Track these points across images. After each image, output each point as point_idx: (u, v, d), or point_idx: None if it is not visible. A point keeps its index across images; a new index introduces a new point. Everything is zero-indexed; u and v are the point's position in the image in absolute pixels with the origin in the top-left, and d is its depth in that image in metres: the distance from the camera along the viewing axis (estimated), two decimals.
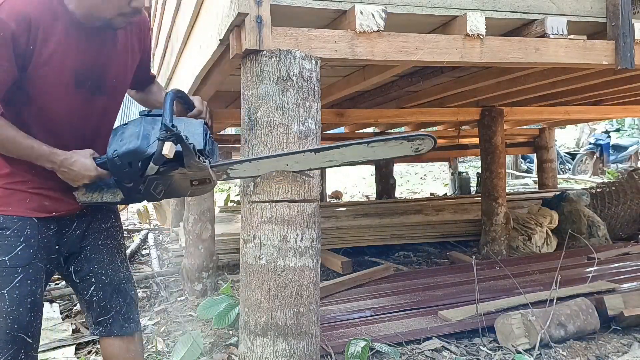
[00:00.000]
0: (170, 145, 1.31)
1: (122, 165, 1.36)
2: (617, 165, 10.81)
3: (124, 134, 1.40)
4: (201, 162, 1.39)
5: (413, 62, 1.94)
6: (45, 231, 1.43)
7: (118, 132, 1.42)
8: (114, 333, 1.59)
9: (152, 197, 1.46)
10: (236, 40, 1.63)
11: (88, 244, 1.54)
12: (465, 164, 13.12)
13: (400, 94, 4.12)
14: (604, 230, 4.46)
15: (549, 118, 5.88)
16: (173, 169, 1.39)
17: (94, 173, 1.39)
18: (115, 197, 1.47)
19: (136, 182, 1.41)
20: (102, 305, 1.57)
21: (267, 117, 1.56)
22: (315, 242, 1.62)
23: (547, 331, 2.30)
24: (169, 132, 1.30)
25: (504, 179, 4.36)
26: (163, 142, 1.30)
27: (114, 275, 1.58)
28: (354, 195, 9.86)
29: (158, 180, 1.42)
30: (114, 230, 1.62)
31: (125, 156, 1.35)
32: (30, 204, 1.40)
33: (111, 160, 1.36)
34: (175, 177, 1.43)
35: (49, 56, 1.30)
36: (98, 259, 1.56)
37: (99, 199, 1.47)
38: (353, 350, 2.11)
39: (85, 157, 1.40)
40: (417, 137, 1.41)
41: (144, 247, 5.13)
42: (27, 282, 1.38)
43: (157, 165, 1.35)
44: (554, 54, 2.02)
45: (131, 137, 1.37)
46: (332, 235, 4.27)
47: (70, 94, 1.38)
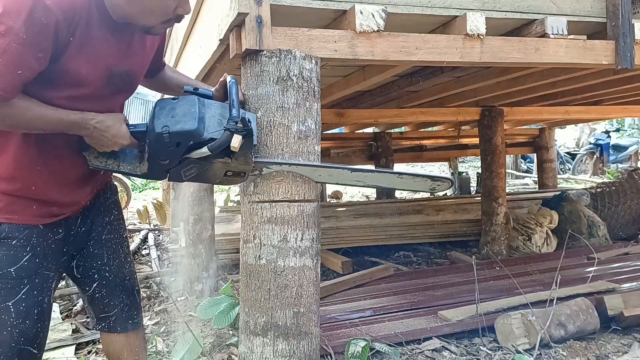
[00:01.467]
0: (240, 138, 1.28)
1: (169, 143, 1.30)
2: (617, 165, 10.81)
3: (174, 110, 1.32)
4: (251, 157, 1.38)
5: (413, 62, 1.94)
6: (52, 237, 1.38)
7: (166, 106, 1.34)
8: (117, 330, 1.57)
9: (177, 178, 1.41)
10: (236, 40, 1.63)
11: (92, 239, 1.51)
12: (465, 164, 13.13)
13: (400, 94, 4.12)
14: (604, 230, 4.46)
15: (549, 118, 5.89)
16: (219, 157, 1.35)
17: (127, 141, 1.34)
18: (134, 168, 1.40)
19: (172, 161, 1.35)
20: (105, 302, 1.54)
21: (267, 117, 1.56)
22: (315, 242, 1.62)
23: (547, 331, 2.30)
24: (241, 125, 1.28)
25: (504, 179, 4.36)
26: (232, 134, 1.27)
27: (117, 272, 1.55)
28: (354, 195, 9.85)
29: (196, 164, 1.37)
30: (117, 224, 1.58)
31: (178, 135, 1.29)
32: (36, 210, 1.34)
33: (158, 135, 1.30)
34: (215, 165, 1.39)
35: (85, 49, 1.26)
36: (101, 254, 1.52)
37: (114, 167, 1.40)
38: (353, 350, 2.11)
39: (120, 122, 1.33)
40: (440, 178, 1.58)
41: (144, 247, 5.12)
42: (34, 293, 1.33)
43: (213, 153, 1.30)
44: (554, 54, 2.03)
45: (186, 116, 1.30)
46: (332, 235, 4.27)
47: (99, 90, 1.35)
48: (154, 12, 1.28)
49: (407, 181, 1.61)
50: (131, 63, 1.40)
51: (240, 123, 1.28)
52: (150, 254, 4.70)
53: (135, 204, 8.39)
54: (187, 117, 1.30)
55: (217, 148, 1.29)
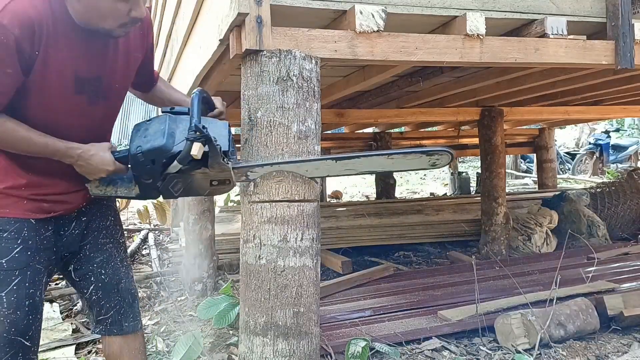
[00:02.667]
0: (199, 146, 1.31)
1: (145, 162, 1.36)
2: (617, 165, 10.81)
3: (147, 130, 1.39)
4: (225, 163, 1.40)
5: (413, 62, 1.94)
6: (43, 232, 1.41)
7: (141, 128, 1.41)
8: (114, 332, 1.58)
9: (169, 195, 1.46)
10: (236, 40, 1.63)
11: (87, 243, 1.53)
12: (465, 164, 13.13)
13: (400, 94, 4.12)
14: (604, 230, 4.46)
15: (549, 118, 5.89)
16: (196, 168, 1.39)
17: (112, 167, 1.39)
18: (130, 192, 1.47)
19: (155, 179, 1.41)
20: (101, 304, 1.56)
21: (267, 117, 1.56)
22: (315, 242, 1.62)
23: (546, 331, 2.30)
24: (198, 133, 1.31)
25: (503, 179, 4.36)
26: (192, 143, 1.31)
27: (113, 275, 1.57)
28: (354, 195, 9.85)
29: (178, 179, 1.42)
30: (113, 229, 1.60)
31: (150, 153, 1.35)
32: (27, 205, 1.38)
33: (134, 156, 1.36)
34: (196, 177, 1.43)
35: (51, 60, 1.28)
36: (97, 258, 1.54)
37: (112, 193, 1.47)
38: (353, 350, 2.11)
39: (104, 150, 1.39)
40: (435, 151, 1.47)
41: (144, 247, 5.13)
42: (25, 285, 1.36)
43: (182, 164, 1.35)
44: (554, 54, 2.03)
45: (156, 134, 1.37)
46: (332, 235, 4.27)
47: (70, 99, 1.36)
48: (107, 17, 1.29)
49: (400, 161, 1.53)
50: (102, 69, 1.41)
51: (197, 131, 1.31)
52: (150, 254, 4.70)
53: (135, 204, 8.38)
54: (157, 135, 1.36)
55: (183, 159, 1.33)
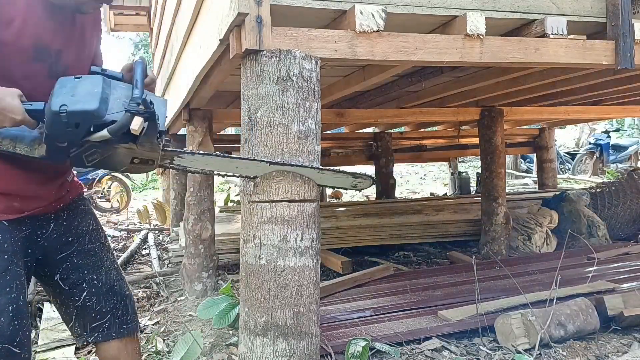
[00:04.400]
0: (141, 121, 1.18)
1: (67, 124, 1.19)
2: (617, 165, 10.81)
3: (76, 88, 1.22)
4: (157, 144, 1.29)
5: (413, 62, 1.94)
6: (18, 234, 1.36)
7: (67, 84, 1.23)
8: (112, 336, 1.55)
9: (79, 163, 1.32)
10: (236, 40, 1.63)
11: (74, 250, 1.49)
12: (465, 164, 13.13)
13: (400, 94, 4.12)
14: (604, 230, 4.46)
15: (549, 118, 5.89)
16: (123, 142, 1.25)
17: (19, 117, 1.21)
18: (31, 151, 1.30)
19: (72, 144, 1.25)
20: (97, 309, 1.52)
21: (267, 117, 1.56)
22: (315, 242, 1.62)
23: (547, 331, 2.30)
24: (143, 107, 1.19)
25: (503, 179, 4.36)
26: (133, 116, 1.18)
27: (106, 278, 1.54)
28: (354, 195, 9.85)
29: (98, 149, 1.27)
30: (96, 233, 1.57)
31: (76, 115, 1.18)
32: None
33: (55, 114, 1.18)
34: (118, 151, 1.29)
35: (10, 21, 1.25)
36: (86, 263, 1.51)
37: (9, 148, 1.29)
38: (353, 350, 2.11)
39: (12, 96, 1.21)
40: (360, 175, 1.67)
41: (144, 247, 5.13)
42: (6, 290, 1.30)
43: (114, 136, 1.21)
44: (554, 54, 2.03)
45: (87, 95, 1.20)
46: (332, 235, 4.27)
47: (29, 67, 1.32)
48: None
49: (328, 177, 1.63)
50: (63, 44, 1.38)
51: (142, 105, 1.19)
52: (150, 254, 4.70)
53: (135, 204, 8.40)
54: (89, 97, 1.20)
55: (117, 131, 1.20)
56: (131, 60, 1.45)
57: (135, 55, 19.77)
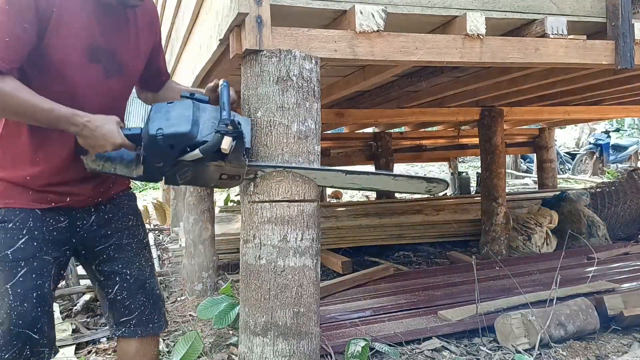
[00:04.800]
0: (230, 140, 1.29)
1: (163, 146, 1.31)
2: (617, 165, 10.81)
3: (169, 113, 1.34)
4: (244, 160, 1.39)
5: (413, 62, 1.94)
6: (53, 224, 1.39)
7: (162, 109, 1.36)
8: (138, 333, 1.55)
9: (173, 181, 1.43)
10: (236, 40, 1.63)
11: (112, 244, 1.52)
12: (465, 164, 13.12)
13: (400, 94, 4.12)
14: (604, 230, 4.46)
15: (549, 118, 5.89)
16: (213, 160, 1.36)
17: (118, 141, 1.31)
18: (130, 172, 1.41)
19: (166, 164, 1.36)
20: (126, 304, 1.54)
21: (267, 117, 1.56)
22: (315, 242, 1.62)
23: (547, 331, 2.30)
24: (231, 128, 1.29)
25: (503, 179, 4.36)
26: (223, 136, 1.28)
27: (138, 275, 1.55)
28: (354, 195, 9.85)
29: (190, 167, 1.38)
30: (135, 230, 1.59)
31: (171, 137, 1.30)
32: (32, 195, 1.36)
33: (151, 137, 1.30)
34: (209, 168, 1.40)
35: (66, 23, 1.28)
36: (122, 257, 1.53)
37: (110, 170, 1.41)
38: (353, 350, 2.11)
39: (112, 123, 1.31)
40: (435, 180, 1.61)
41: None
42: (32, 277, 1.33)
43: (205, 155, 1.31)
44: (554, 54, 2.03)
45: (180, 118, 1.32)
46: (332, 235, 4.27)
47: (85, 68, 1.35)
48: None
49: (403, 183, 1.64)
50: (117, 44, 1.41)
51: (230, 125, 1.29)
52: None
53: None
54: (181, 120, 1.32)
55: (208, 150, 1.30)
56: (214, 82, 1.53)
57: None
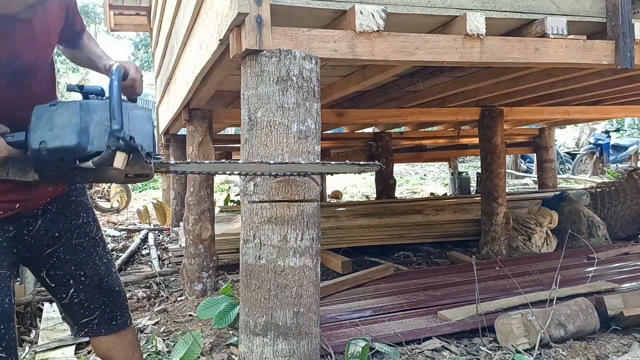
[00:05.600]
0: (124, 157, 1.13)
1: (50, 160, 1.17)
2: (617, 165, 10.81)
3: (53, 120, 1.17)
4: (147, 164, 1.24)
5: (413, 62, 1.94)
6: (2, 234, 1.32)
7: (44, 115, 1.18)
8: (102, 332, 1.53)
9: (74, 183, 1.34)
10: (236, 40, 1.63)
11: (61, 245, 1.44)
12: (465, 164, 13.13)
13: (400, 94, 4.12)
14: (604, 230, 4.46)
15: (549, 118, 5.89)
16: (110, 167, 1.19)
17: (4, 154, 1.19)
18: (25, 175, 1.27)
19: (61, 173, 1.23)
20: (84, 306, 1.49)
21: (267, 117, 1.56)
22: (315, 242, 1.62)
23: (546, 331, 2.30)
24: (124, 144, 1.12)
25: (503, 179, 4.36)
26: (114, 153, 1.12)
27: (93, 274, 1.49)
28: (354, 195, 9.86)
29: (89, 172, 1.22)
30: (87, 227, 1.51)
31: (57, 151, 1.15)
32: None
33: (36, 152, 1.16)
34: (110, 172, 1.24)
35: None
36: (73, 259, 1.46)
37: (2, 175, 1.26)
38: (353, 350, 2.11)
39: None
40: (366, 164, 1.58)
41: (144, 247, 5.13)
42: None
43: (99, 168, 1.16)
44: (554, 53, 2.03)
45: (65, 129, 1.15)
46: (332, 235, 4.27)
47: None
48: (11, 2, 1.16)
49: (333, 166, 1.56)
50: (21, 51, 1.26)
51: (122, 140, 1.12)
52: (150, 254, 4.70)
53: (135, 204, 8.39)
54: (67, 130, 1.15)
55: (101, 164, 1.15)
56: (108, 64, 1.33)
57: (134, 56, 19.74)
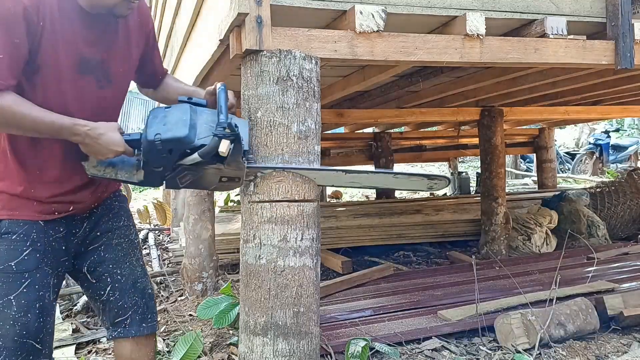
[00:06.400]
0: (227, 143, 1.30)
1: (162, 151, 1.32)
2: (617, 165, 10.81)
3: (166, 117, 1.35)
4: (243, 162, 1.40)
5: (413, 62, 1.94)
6: (52, 234, 1.41)
7: (159, 114, 1.36)
8: (132, 333, 1.56)
9: (173, 185, 1.44)
10: (236, 40, 1.63)
11: (102, 244, 1.53)
12: (465, 164, 13.12)
13: (400, 94, 4.12)
14: (604, 230, 4.46)
15: (549, 118, 5.89)
16: (212, 163, 1.37)
17: (121, 148, 1.34)
18: (131, 176, 1.43)
19: (166, 168, 1.38)
20: (119, 304, 1.54)
21: (267, 117, 1.56)
22: (315, 241, 1.62)
23: (546, 331, 2.30)
24: (229, 130, 1.30)
25: (503, 178, 4.36)
26: (220, 140, 1.29)
27: (129, 274, 1.56)
28: (354, 195, 9.85)
29: (190, 171, 1.39)
30: (126, 229, 1.59)
31: (169, 142, 1.31)
32: (37, 207, 1.38)
33: (150, 143, 1.32)
34: (208, 171, 1.41)
35: (55, 38, 1.28)
36: (112, 257, 1.54)
37: (112, 175, 1.42)
38: (353, 350, 2.11)
39: (113, 130, 1.34)
40: (436, 177, 1.61)
41: (144, 247, 5.13)
42: (35, 288, 1.36)
43: (204, 158, 1.32)
44: (554, 54, 2.03)
45: (177, 123, 1.33)
46: (332, 235, 4.27)
47: (78, 81, 1.35)
48: None
49: (404, 181, 1.64)
50: (105, 53, 1.40)
51: (227, 129, 1.30)
52: (150, 254, 4.70)
53: (136, 204, 8.39)
54: (179, 125, 1.33)
55: (207, 154, 1.31)
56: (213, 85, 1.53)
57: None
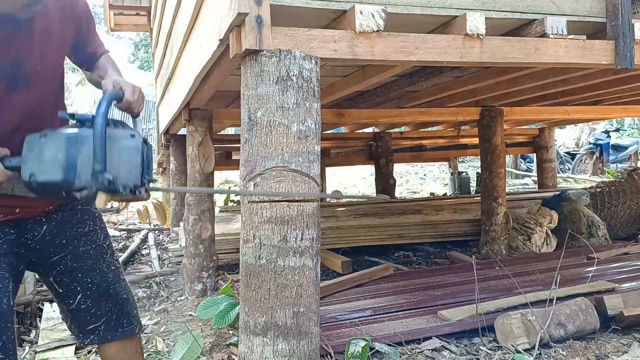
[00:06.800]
0: (104, 197, 1.15)
1: (41, 191, 1.22)
2: (617, 165, 10.81)
3: (42, 153, 1.19)
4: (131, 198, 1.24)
5: (413, 62, 1.94)
6: (2, 236, 1.34)
7: (34, 146, 1.21)
8: (108, 339, 1.54)
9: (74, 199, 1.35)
10: (236, 40, 1.63)
11: (68, 253, 1.47)
12: (465, 164, 13.13)
13: (400, 94, 4.12)
14: (604, 230, 4.46)
15: (549, 118, 5.89)
16: None
17: (2, 178, 1.23)
18: (28, 193, 1.29)
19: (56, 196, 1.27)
20: (91, 312, 1.51)
21: (267, 117, 1.56)
22: (315, 242, 1.62)
23: (546, 331, 2.30)
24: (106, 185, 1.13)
25: (503, 178, 4.36)
26: (96, 193, 1.15)
27: (100, 281, 1.51)
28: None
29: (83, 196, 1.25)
30: (92, 234, 1.52)
31: (45, 185, 1.19)
32: None
33: (27, 182, 1.20)
34: None
35: None
36: (80, 266, 1.48)
37: (7, 191, 1.30)
38: (353, 350, 2.11)
39: None
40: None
41: (144, 247, 5.13)
42: None
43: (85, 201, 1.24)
44: (554, 53, 2.03)
45: (52, 163, 1.17)
46: (332, 235, 4.27)
47: None
48: None
49: None
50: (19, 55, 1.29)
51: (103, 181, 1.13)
52: (150, 254, 4.70)
53: (136, 203, 8.39)
54: (54, 165, 1.17)
55: (87, 199, 1.19)
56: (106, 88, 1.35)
57: (134, 56, 19.72)
